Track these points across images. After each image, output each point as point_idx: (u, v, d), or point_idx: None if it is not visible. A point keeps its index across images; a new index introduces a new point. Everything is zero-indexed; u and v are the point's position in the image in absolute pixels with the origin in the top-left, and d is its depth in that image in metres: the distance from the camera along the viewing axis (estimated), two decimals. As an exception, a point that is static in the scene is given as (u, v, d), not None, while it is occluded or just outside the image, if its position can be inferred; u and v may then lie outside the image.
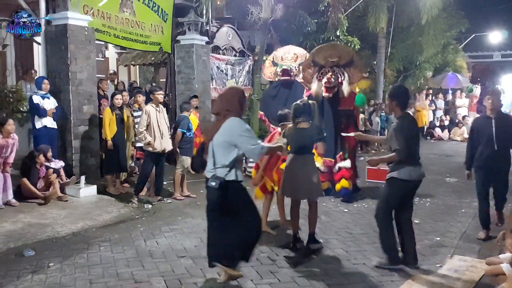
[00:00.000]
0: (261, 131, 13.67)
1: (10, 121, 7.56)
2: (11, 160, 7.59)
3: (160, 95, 8.12)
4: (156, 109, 7.98)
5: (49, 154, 8.10)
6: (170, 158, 8.81)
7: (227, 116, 4.57)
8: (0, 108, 9.08)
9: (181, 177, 8.59)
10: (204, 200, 4.80)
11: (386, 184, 5.28)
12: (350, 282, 4.85)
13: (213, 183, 4.48)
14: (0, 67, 12.55)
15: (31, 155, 8.01)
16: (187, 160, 8.54)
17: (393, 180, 5.13)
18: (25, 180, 7.74)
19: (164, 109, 8.44)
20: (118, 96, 8.80)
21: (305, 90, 9.19)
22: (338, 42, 17.72)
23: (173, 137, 8.50)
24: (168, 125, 8.32)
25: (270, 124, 9.53)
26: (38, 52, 9.57)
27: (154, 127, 7.89)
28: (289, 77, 9.63)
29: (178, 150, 8.52)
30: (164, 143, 8.03)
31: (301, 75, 9.32)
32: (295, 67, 9.69)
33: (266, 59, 10.90)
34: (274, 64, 10.03)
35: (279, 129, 6.44)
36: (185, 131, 8.51)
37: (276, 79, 9.98)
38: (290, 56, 9.94)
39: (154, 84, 14.31)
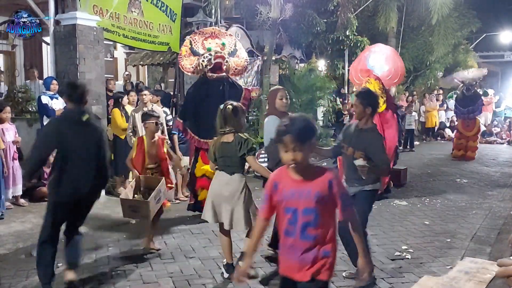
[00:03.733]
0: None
1: (7, 108, 7.57)
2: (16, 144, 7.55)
3: (144, 96, 8.08)
4: (142, 111, 7.92)
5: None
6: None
7: None
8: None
9: (182, 177, 8.58)
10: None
11: (366, 196, 4.65)
12: (359, 284, 4.80)
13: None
14: (9, 67, 12.63)
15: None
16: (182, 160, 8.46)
17: (373, 193, 4.73)
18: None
19: (160, 109, 8.39)
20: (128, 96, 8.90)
21: (244, 90, 7.19)
22: (348, 42, 17.73)
23: None
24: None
25: (195, 138, 6.99)
26: (47, 52, 9.59)
27: (138, 130, 7.88)
28: (222, 72, 6.99)
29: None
30: None
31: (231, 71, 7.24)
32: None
33: (184, 45, 7.47)
34: (194, 52, 7.15)
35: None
36: (176, 133, 8.61)
37: (201, 74, 7.12)
38: (214, 43, 7.25)
39: (162, 84, 14.35)
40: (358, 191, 4.61)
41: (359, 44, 17.92)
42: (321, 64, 19.02)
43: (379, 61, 8.42)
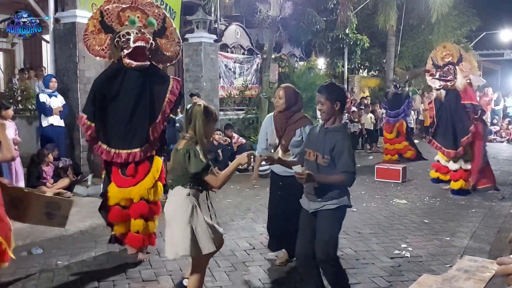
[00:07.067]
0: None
1: (11, 106, 7.68)
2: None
3: None
4: None
5: (54, 153, 8.13)
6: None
7: None
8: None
9: None
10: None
11: (332, 216, 3.86)
12: (359, 282, 4.80)
13: None
14: (9, 66, 12.62)
15: (39, 153, 8.04)
16: None
17: (342, 209, 3.92)
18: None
19: None
20: None
21: (172, 82, 5.45)
22: (347, 40, 17.74)
23: None
24: None
25: (102, 148, 5.10)
26: (47, 50, 9.59)
27: None
28: (145, 60, 5.12)
29: None
30: None
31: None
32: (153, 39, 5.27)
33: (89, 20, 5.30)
34: (106, 28, 5.17)
35: None
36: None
37: (116, 60, 5.15)
38: (135, 15, 5.18)
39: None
40: (320, 208, 3.87)
41: (358, 42, 17.94)
42: (321, 62, 19.03)
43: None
